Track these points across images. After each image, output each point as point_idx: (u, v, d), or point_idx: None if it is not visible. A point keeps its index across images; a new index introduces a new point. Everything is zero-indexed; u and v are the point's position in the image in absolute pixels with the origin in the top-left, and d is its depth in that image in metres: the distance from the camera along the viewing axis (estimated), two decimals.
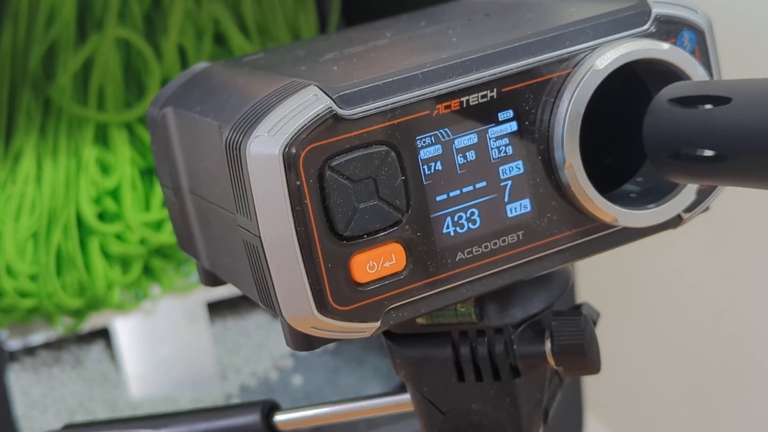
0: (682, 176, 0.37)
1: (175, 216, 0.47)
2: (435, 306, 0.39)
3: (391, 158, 0.37)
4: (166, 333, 1.21)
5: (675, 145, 0.36)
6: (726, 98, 0.34)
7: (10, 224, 1.10)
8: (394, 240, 0.38)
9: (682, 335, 1.01)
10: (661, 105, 0.37)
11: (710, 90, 0.35)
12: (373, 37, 0.46)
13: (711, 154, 0.34)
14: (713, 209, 0.43)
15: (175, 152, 0.45)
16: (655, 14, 0.41)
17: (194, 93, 0.44)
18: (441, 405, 0.45)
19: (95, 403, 1.17)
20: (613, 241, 0.42)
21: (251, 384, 1.21)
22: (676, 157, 0.36)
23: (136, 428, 0.53)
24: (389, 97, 0.37)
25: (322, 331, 0.38)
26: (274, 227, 0.36)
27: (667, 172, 0.37)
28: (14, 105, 1.12)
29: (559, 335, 0.42)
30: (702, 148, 0.35)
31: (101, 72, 1.11)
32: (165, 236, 1.14)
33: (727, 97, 0.34)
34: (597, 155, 0.40)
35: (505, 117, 0.39)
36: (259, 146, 0.36)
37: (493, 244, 0.39)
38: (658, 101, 0.37)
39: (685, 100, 0.36)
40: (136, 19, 1.12)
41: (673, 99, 0.36)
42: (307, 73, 0.41)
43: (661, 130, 0.36)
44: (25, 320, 1.15)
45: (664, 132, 0.36)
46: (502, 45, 0.39)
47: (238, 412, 0.52)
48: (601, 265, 0.68)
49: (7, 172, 1.11)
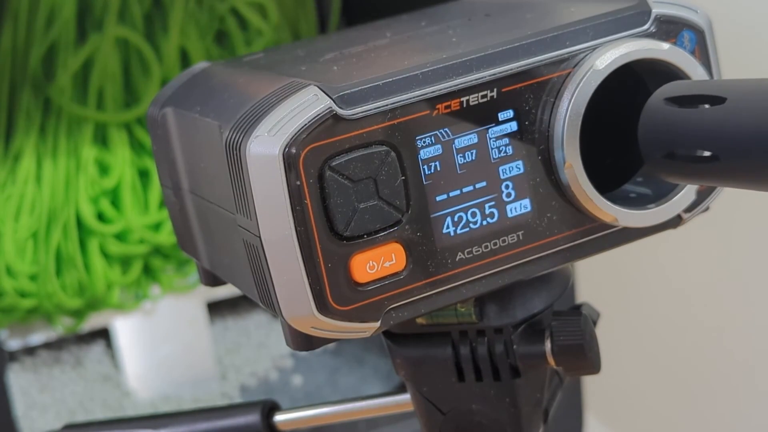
0: (676, 176, 0.37)
1: (175, 216, 0.47)
2: (435, 306, 0.39)
3: (391, 158, 0.37)
4: (166, 333, 1.21)
5: (669, 145, 0.36)
6: (721, 98, 0.34)
7: (9, 224, 1.10)
8: (394, 240, 0.38)
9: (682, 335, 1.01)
10: (656, 104, 0.37)
11: (705, 90, 0.35)
12: (373, 37, 0.46)
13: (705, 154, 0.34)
14: (713, 209, 0.43)
15: (175, 152, 0.45)
16: (655, 14, 0.41)
17: (194, 93, 0.44)
18: (441, 405, 0.45)
19: (95, 403, 1.17)
20: (613, 241, 0.42)
21: (251, 384, 1.21)
22: (671, 157, 0.36)
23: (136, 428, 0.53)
24: (389, 97, 0.37)
25: (322, 331, 0.38)
26: (274, 227, 0.36)
27: (662, 172, 0.37)
28: (14, 105, 1.12)
29: (559, 335, 0.42)
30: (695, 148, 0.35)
31: (101, 72, 1.11)
32: (164, 236, 1.14)
33: (722, 97, 0.34)
34: (597, 155, 0.40)
35: (505, 117, 0.39)
36: (259, 146, 0.36)
37: (493, 244, 0.39)
38: (653, 100, 0.37)
39: (681, 99, 0.36)
40: (136, 19, 1.12)
41: (668, 98, 0.36)
42: (307, 73, 0.41)
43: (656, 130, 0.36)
44: (25, 320, 1.15)
45: (658, 131, 0.36)
46: (502, 45, 0.39)
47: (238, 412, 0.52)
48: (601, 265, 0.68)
49: (7, 172, 1.11)
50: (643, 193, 0.41)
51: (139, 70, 1.14)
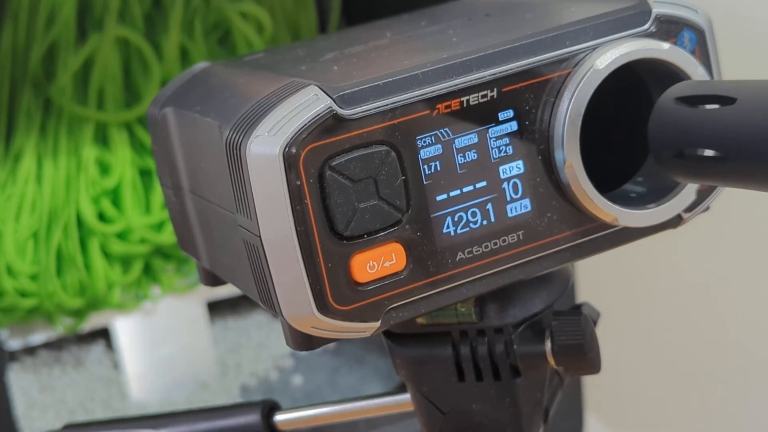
0: (685, 176, 0.37)
1: (175, 216, 0.47)
2: (435, 306, 0.39)
3: (391, 158, 0.37)
4: (166, 333, 1.21)
5: (679, 145, 0.36)
6: (731, 98, 0.34)
7: (10, 224, 1.10)
8: (394, 240, 0.38)
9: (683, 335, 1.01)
10: (667, 103, 0.36)
11: (716, 90, 0.35)
12: (373, 37, 0.46)
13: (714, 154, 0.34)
14: (713, 209, 0.43)
15: (175, 152, 0.45)
16: (655, 14, 0.41)
17: (194, 93, 0.44)
18: (441, 405, 0.45)
19: (95, 403, 1.17)
20: (613, 241, 0.42)
21: (251, 384, 1.21)
22: (680, 157, 0.36)
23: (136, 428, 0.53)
24: (389, 97, 0.37)
25: (322, 331, 0.38)
26: (274, 227, 0.36)
27: (671, 172, 0.37)
28: (14, 105, 1.12)
29: (559, 335, 0.42)
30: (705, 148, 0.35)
31: (101, 72, 1.11)
32: (166, 236, 1.14)
33: (732, 98, 0.34)
34: (597, 155, 0.40)
35: (506, 117, 0.39)
36: (259, 146, 0.36)
37: (493, 243, 0.39)
38: (664, 100, 0.37)
39: (691, 99, 0.36)
40: (136, 19, 1.12)
41: (679, 98, 0.36)
42: (308, 73, 0.41)
43: (666, 129, 0.36)
44: (26, 320, 1.15)
45: (668, 131, 0.36)
46: (502, 45, 0.39)
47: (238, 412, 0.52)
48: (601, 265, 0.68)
49: (7, 172, 1.11)
50: (643, 193, 0.41)
51: (140, 70, 1.14)
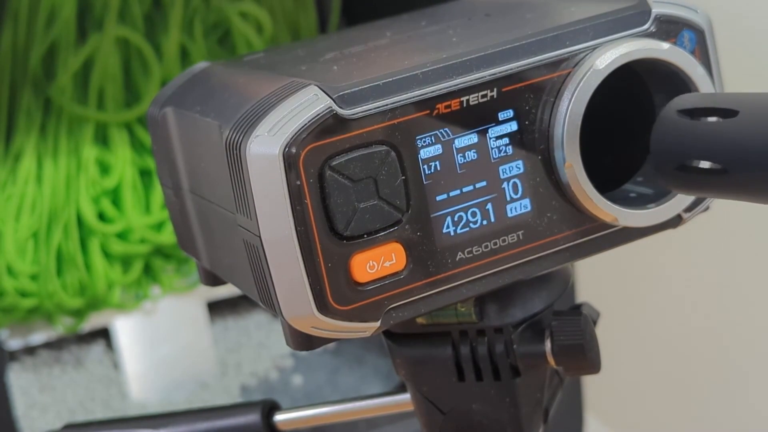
0: (687, 189, 0.37)
1: (175, 216, 0.47)
2: (435, 306, 0.39)
3: (391, 158, 0.37)
4: (166, 333, 1.21)
5: (681, 157, 0.36)
6: (733, 111, 0.34)
7: (10, 224, 1.10)
8: (394, 240, 0.38)
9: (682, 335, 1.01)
10: (669, 116, 0.36)
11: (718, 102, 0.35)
12: (373, 37, 0.46)
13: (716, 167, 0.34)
14: (713, 209, 0.43)
15: (175, 152, 0.45)
16: (655, 14, 0.41)
17: (194, 93, 0.44)
18: (441, 405, 0.45)
19: (95, 403, 1.17)
20: (613, 241, 0.42)
21: (251, 384, 1.21)
22: (682, 169, 0.36)
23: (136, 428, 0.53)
24: (389, 97, 0.37)
25: (322, 330, 0.38)
26: (274, 227, 0.36)
27: (673, 185, 0.37)
28: (15, 105, 1.12)
29: (559, 335, 0.42)
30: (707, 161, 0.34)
31: (101, 72, 1.11)
32: (166, 236, 1.14)
33: (735, 110, 0.34)
34: (597, 155, 0.40)
35: (505, 117, 0.39)
36: (259, 146, 0.36)
37: (493, 243, 0.39)
38: (666, 112, 0.37)
39: (693, 111, 0.36)
40: (136, 19, 1.12)
41: (681, 110, 0.36)
42: (307, 73, 0.41)
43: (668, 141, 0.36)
44: (26, 320, 1.15)
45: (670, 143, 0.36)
46: (502, 45, 0.39)
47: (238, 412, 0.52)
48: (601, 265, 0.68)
49: (7, 172, 1.11)
50: (643, 192, 0.41)
51: (140, 70, 1.14)
